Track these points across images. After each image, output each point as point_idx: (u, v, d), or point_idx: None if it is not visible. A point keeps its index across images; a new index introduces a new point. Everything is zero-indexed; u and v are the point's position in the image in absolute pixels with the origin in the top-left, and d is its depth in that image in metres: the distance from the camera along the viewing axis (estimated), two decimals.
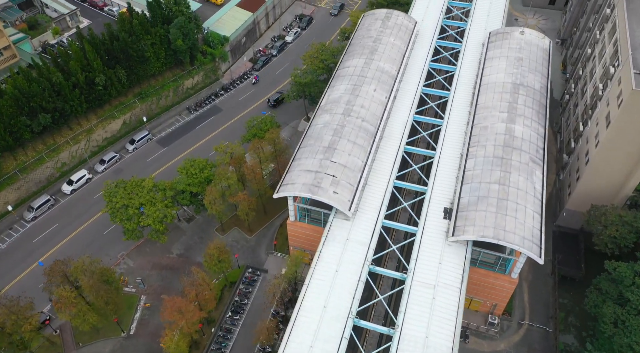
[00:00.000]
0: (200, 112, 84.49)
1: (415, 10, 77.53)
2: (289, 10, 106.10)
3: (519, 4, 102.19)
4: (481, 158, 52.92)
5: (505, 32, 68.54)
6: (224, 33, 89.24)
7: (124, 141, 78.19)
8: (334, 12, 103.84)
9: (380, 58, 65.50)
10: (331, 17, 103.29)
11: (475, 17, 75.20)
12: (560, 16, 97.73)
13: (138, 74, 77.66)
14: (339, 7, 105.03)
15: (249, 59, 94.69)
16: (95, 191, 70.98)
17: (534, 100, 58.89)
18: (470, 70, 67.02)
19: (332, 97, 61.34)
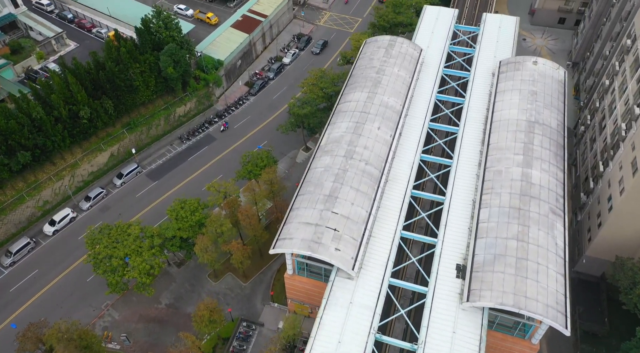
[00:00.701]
0: (193, 141, 79.92)
1: (419, 36, 73.20)
2: (287, 29, 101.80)
3: (526, 23, 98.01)
4: (496, 208, 48.45)
5: (517, 61, 64.21)
6: (218, 57, 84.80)
7: (112, 175, 73.60)
8: (315, 51, 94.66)
9: (384, 91, 61.09)
10: (313, 55, 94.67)
11: (483, 44, 70.89)
12: (570, 36, 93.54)
13: (126, 104, 73.15)
14: (321, 45, 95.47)
15: (245, 82, 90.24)
16: (80, 231, 66.34)
17: (551, 140, 54.49)
18: (480, 103, 62.64)
19: (333, 136, 56.87)
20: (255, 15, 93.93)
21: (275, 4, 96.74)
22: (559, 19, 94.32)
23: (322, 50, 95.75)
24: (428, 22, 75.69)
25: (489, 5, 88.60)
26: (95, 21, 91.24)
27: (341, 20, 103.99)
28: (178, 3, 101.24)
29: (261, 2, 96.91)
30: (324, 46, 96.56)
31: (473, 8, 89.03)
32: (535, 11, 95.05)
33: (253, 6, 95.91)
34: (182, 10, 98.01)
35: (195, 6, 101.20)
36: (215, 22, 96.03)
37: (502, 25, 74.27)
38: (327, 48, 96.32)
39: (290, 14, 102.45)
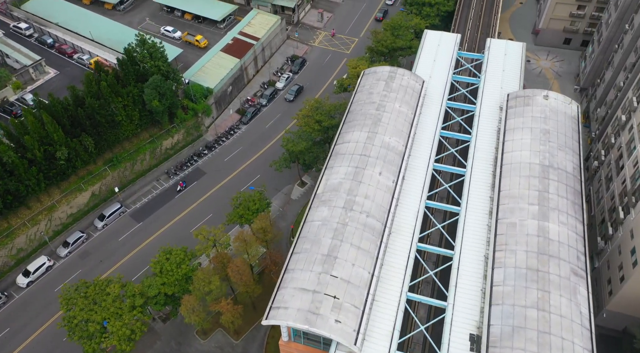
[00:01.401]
0: (181, 176, 75.06)
1: (421, 64, 68.80)
2: (280, 51, 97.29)
3: (530, 43, 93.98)
4: (511, 269, 43.95)
5: (526, 96, 59.92)
6: (208, 85, 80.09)
7: (93, 216, 68.64)
8: (289, 98, 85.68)
9: (385, 131, 56.57)
10: (287, 102, 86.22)
11: (489, 73, 66.55)
12: (576, 58, 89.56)
13: (108, 140, 68.30)
14: (296, 91, 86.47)
15: (236, 110, 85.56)
16: (57, 281, 61.39)
17: (567, 187, 50.13)
18: (488, 141, 58.21)
19: (331, 183, 52.25)
20: (246, 38, 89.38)
21: (268, 26, 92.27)
22: (565, 40, 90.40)
23: (297, 97, 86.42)
24: (429, 49, 71.32)
25: (491, 27, 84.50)
26: (77, 46, 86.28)
27: (337, 40, 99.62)
28: (165, 25, 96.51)
29: (253, 24, 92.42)
30: (299, 92, 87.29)
31: (475, 30, 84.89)
32: (540, 31, 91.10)
33: (244, 28, 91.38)
34: (170, 33, 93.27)
35: (183, 28, 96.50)
36: (204, 45, 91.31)
37: (508, 52, 70.02)
38: (303, 93, 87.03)
39: (283, 34, 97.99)
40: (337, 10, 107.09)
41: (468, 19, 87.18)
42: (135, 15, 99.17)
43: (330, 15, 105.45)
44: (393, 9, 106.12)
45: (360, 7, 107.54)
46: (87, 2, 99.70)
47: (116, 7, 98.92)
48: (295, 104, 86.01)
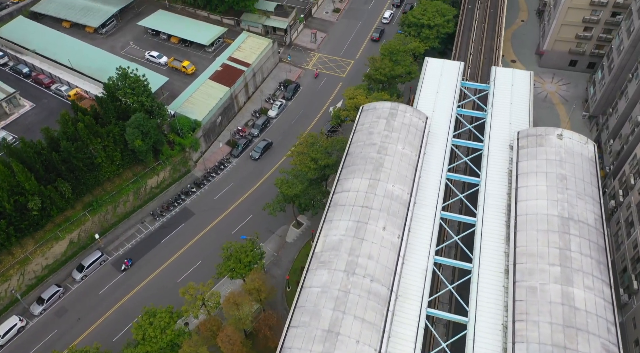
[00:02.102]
0: (167, 217, 69.91)
1: (423, 96, 64.27)
2: (272, 75, 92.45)
3: (533, 65, 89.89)
4: (535, 345, 39.29)
5: (538, 135, 55.47)
6: (195, 117, 75.05)
7: (71, 266, 63.35)
8: (254, 156, 76.48)
9: (388, 177, 51.90)
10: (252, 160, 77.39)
11: (496, 107, 62.14)
12: (583, 80, 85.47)
13: (87, 184, 63.12)
14: (262, 148, 77.02)
15: (226, 141, 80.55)
16: (30, 344, 56.05)
17: (591, 243, 45.67)
18: (499, 185, 53.66)
19: (330, 240, 47.42)
20: (236, 64, 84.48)
21: (259, 50, 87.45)
22: (570, 61, 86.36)
23: (262, 154, 76.69)
24: (431, 79, 66.82)
25: (494, 51, 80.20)
26: (55, 76, 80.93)
27: (331, 62, 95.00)
28: (150, 49, 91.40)
29: (243, 48, 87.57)
30: (266, 149, 77.37)
31: (477, 53, 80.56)
32: (544, 53, 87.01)
33: (234, 53, 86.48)
34: (155, 58, 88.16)
35: (169, 52, 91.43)
36: (191, 72, 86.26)
37: (515, 82, 65.68)
38: (272, 151, 77.59)
39: (275, 57, 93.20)
40: (331, 29, 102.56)
41: (470, 42, 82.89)
42: (118, 39, 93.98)
43: (324, 36, 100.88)
44: (389, 28, 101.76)
45: (356, 26, 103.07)
46: (66, 26, 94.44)
47: (98, 31, 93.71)
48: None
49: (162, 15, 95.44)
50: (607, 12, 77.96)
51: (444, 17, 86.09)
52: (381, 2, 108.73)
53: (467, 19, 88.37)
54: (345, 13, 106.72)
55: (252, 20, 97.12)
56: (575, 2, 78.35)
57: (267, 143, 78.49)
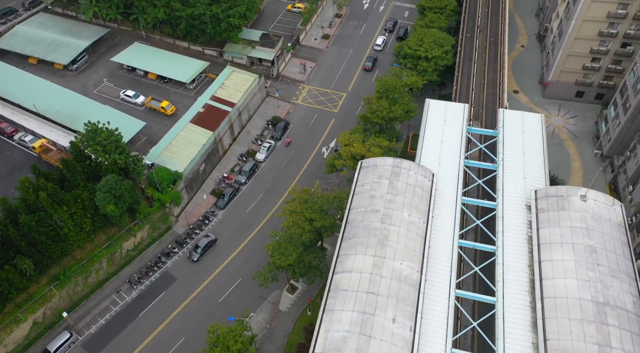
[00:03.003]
0: (145, 285, 62.78)
1: (426, 147, 58.12)
2: (259, 112, 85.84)
3: (537, 96, 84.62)
4: None
5: (559, 195, 49.67)
6: (176, 168, 68.16)
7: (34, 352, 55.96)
8: (193, 259, 64.19)
9: (395, 253, 45.63)
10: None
11: (507, 157, 56.29)
12: (591, 111, 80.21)
13: (53, 256, 55.87)
14: (203, 248, 64.99)
15: (211, 191, 73.65)
16: None
17: (633, 335, 39.77)
18: (518, 256, 47.61)
19: (332, 338, 40.89)
20: (220, 104, 77.76)
21: (244, 87, 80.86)
22: (577, 93, 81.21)
23: (203, 255, 64.71)
24: (434, 126, 60.78)
25: (498, 86, 74.62)
26: (19, 124, 73.39)
27: (322, 95, 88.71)
28: (125, 87, 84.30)
29: (227, 86, 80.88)
30: (208, 248, 65.18)
31: (480, 89, 74.89)
32: (549, 84, 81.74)
33: (217, 91, 79.75)
34: (131, 98, 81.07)
35: (146, 90, 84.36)
36: (171, 113, 79.37)
37: (526, 127, 59.95)
38: (215, 248, 65.68)
39: (262, 92, 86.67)
40: (321, 58, 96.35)
41: (471, 75, 77.29)
42: (90, 76, 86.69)
43: (313, 65, 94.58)
44: (382, 56, 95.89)
45: (347, 54, 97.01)
46: (33, 62, 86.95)
47: (68, 68, 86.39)
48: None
49: (138, 48, 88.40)
50: (617, 43, 72.94)
51: (442, 47, 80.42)
52: (372, 26, 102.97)
53: (467, 48, 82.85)
54: (335, 39, 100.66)
55: (236, 52, 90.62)
56: (582, 32, 73.21)
57: (210, 240, 65.66)
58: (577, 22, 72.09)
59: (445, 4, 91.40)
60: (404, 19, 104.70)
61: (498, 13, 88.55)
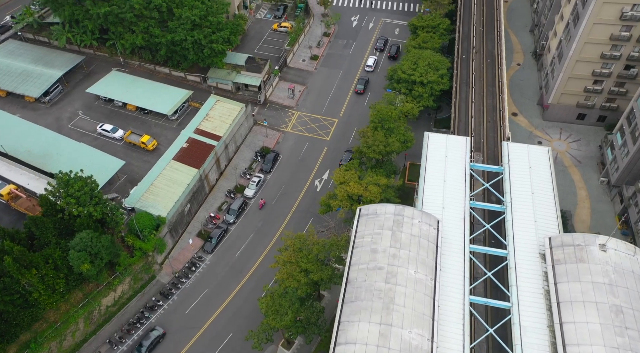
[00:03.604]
0: (128, 344, 57.58)
1: (428, 188, 53.84)
2: (247, 142, 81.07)
3: (537, 118, 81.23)
4: None
5: (576, 245, 45.79)
6: (158, 212, 63.11)
7: None
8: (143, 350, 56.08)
9: (402, 320, 41.30)
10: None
11: (515, 198, 52.24)
12: (594, 134, 77.00)
13: (22, 324, 50.45)
14: (149, 347, 56.58)
15: (197, 233, 68.67)
16: None
17: None
18: (536, 314, 43.50)
19: None
20: (205, 137, 72.86)
21: (230, 117, 76.07)
22: (578, 115, 78.00)
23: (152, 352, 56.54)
24: (435, 163, 56.67)
25: (498, 112, 70.95)
26: None
27: (312, 122, 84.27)
28: (103, 119, 78.98)
29: (211, 117, 76.00)
30: (154, 346, 56.37)
31: (479, 115, 71.07)
32: (549, 106, 78.41)
33: (202, 124, 74.82)
34: (109, 132, 75.78)
35: (125, 122, 79.09)
36: (152, 148, 74.27)
37: (533, 163, 56.11)
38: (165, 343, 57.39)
39: (249, 121, 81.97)
40: (310, 80, 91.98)
41: (469, 101, 73.55)
42: (64, 109, 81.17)
43: (302, 89, 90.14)
44: (374, 77, 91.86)
45: (337, 75, 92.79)
46: (2, 95, 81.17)
47: (40, 100, 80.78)
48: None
49: (115, 77, 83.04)
50: (620, 65, 69.83)
51: (437, 71, 76.59)
52: (362, 45, 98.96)
53: (463, 71, 79.12)
54: (324, 60, 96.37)
55: (221, 77, 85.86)
56: (584, 55, 69.98)
57: (158, 334, 56.92)
58: (578, 45, 68.82)
59: (438, 22, 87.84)
60: (394, 36, 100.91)
61: (493, 31, 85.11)
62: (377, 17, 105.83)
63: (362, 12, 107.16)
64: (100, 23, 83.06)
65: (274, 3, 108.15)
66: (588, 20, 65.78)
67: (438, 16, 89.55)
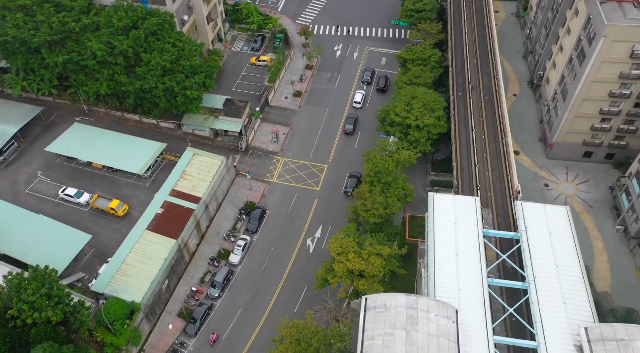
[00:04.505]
0: None
1: (439, 266, 47.19)
2: (229, 197, 73.53)
3: (540, 157, 75.96)
4: None
5: (619, 339, 39.72)
6: (132, 297, 55.14)
7: None
8: None
9: None
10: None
11: (538, 274, 46.15)
12: (602, 173, 72.04)
13: None
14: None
15: (178, 312, 60.79)
16: None
17: None
18: None
19: None
20: (182, 200, 65.15)
21: (210, 174, 68.54)
22: (584, 153, 73.02)
23: None
24: (444, 232, 50.11)
25: (503, 157, 65.29)
26: None
27: (300, 169, 77.31)
28: (66, 180, 70.54)
29: (189, 174, 68.32)
30: None
31: (483, 164, 65.23)
32: (553, 145, 73.23)
33: (178, 183, 67.05)
34: (72, 197, 67.41)
35: (91, 182, 70.75)
36: (123, 213, 66.24)
37: (552, 228, 50.27)
38: None
39: (231, 173, 74.54)
40: (294, 120, 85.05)
41: (470, 145, 67.78)
42: (21, 170, 72.42)
43: (287, 131, 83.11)
44: (363, 115, 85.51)
45: (323, 114, 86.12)
46: None
47: None
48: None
49: (78, 131, 74.59)
50: (630, 104, 65.07)
51: (434, 112, 70.69)
52: (348, 78, 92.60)
53: (460, 111, 73.41)
54: (308, 97, 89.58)
55: (197, 124, 78.38)
56: (591, 93, 64.94)
57: None
58: (585, 84, 63.73)
59: (429, 54, 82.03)
60: (381, 66, 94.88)
61: (488, 64, 79.83)
62: (362, 45, 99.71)
63: (344, 41, 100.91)
64: (58, 71, 74.65)
65: (250, 34, 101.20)
66: (596, 59, 60.71)
67: (428, 47, 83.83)
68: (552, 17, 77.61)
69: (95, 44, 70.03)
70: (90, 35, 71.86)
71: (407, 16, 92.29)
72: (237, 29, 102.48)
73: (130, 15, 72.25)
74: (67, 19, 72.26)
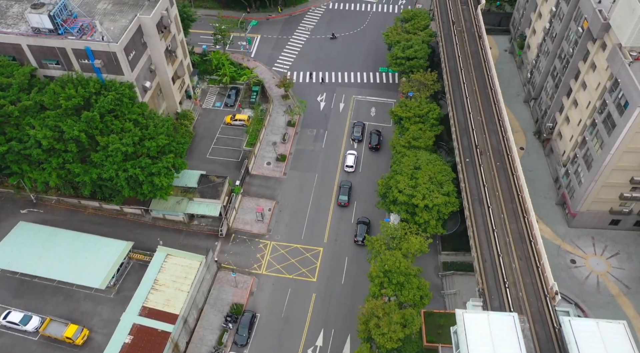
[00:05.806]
0: None
1: None
2: (212, 300, 61.92)
3: (561, 225, 67.58)
4: None
5: None
6: None
7: None
8: None
9: None
10: None
11: None
12: (634, 244, 64.10)
13: None
14: None
15: None
16: None
17: None
18: None
19: None
20: (155, 320, 53.79)
21: (188, 280, 57.58)
22: (611, 221, 65.20)
23: None
24: None
25: (529, 246, 56.42)
26: None
27: (292, 255, 66.88)
28: (9, 301, 57.92)
29: (161, 283, 57.10)
30: None
31: (508, 254, 56.14)
32: (577, 215, 65.15)
33: (149, 298, 55.60)
34: (18, 325, 54.93)
35: (41, 298, 58.35)
36: (82, 341, 54.07)
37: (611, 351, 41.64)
38: None
39: (212, 269, 63.51)
40: (280, 191, 74.66)
41: (488, 227, 58.73)
42: None
43: (272, 206, 72.54)
44: (357, 180, 75.88)
45: (312, 181, 76.10)
46: None
47: None
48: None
49: (23, 233, 62.19)
50: None
51: (442, 187, 61.72)
52: (336, 135, 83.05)
53: (471, 182, 64.28)
54: (293, 160, 79.40)
55: (168, 209, 67.19)
56: (622, 163, 56.99)
57: None
58: (615, 155, 55.76)
59: (426, 110, 73.22)
60: (371, 119, 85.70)
61: (493, 121, 71.35)
62: (347, 93, 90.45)
63: (327, 89, 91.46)
64: None
65: (222, 86, 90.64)
66: (629, 130, 52.76)
67: (424, 101, 75.08)
68: (562, 68, 69.91)
69: (39, 133, 58.26)
70: (32, 120, 60.00)
71: (396, 64, 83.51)
72: (208, 81, 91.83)
73: (81, 92, 60.87)
74: (2, 101, 60.33)
